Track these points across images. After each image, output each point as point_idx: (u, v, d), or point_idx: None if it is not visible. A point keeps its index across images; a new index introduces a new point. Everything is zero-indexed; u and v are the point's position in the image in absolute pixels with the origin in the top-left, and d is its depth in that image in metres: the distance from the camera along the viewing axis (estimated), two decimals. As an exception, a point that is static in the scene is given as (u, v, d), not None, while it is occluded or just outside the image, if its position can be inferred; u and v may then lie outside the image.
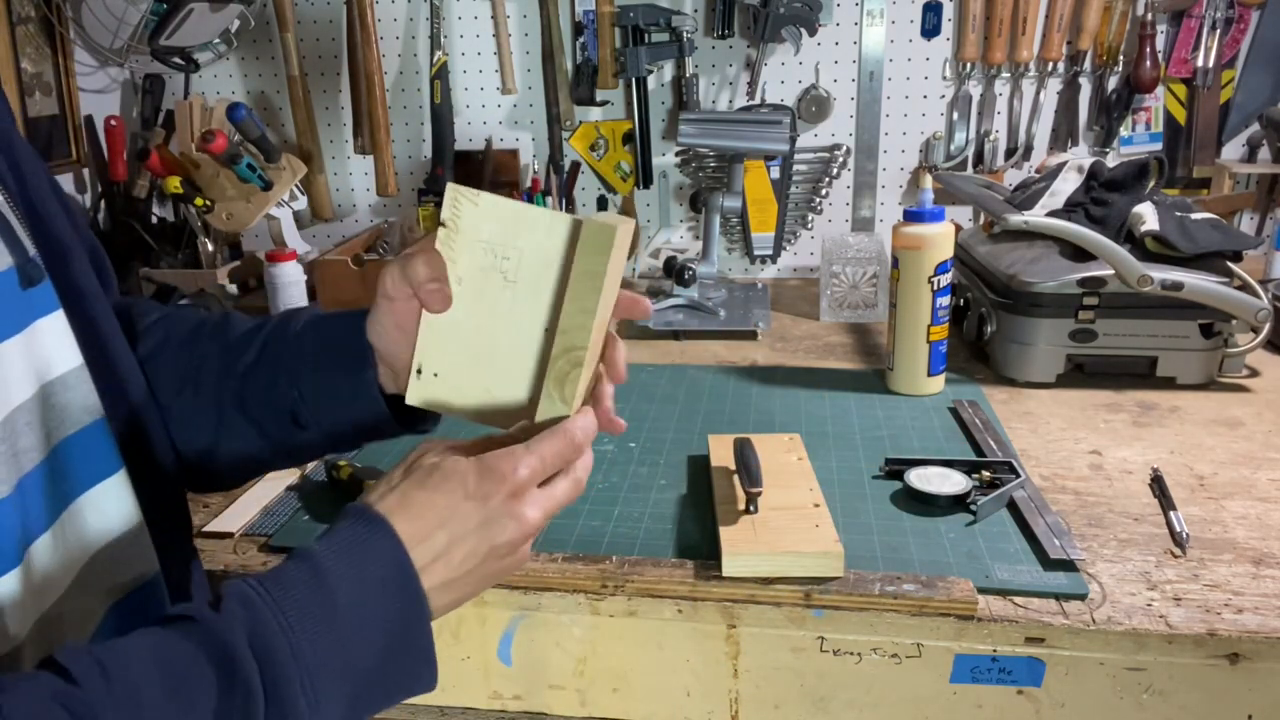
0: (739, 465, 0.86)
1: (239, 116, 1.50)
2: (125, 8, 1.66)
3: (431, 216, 1.74)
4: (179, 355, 0.66)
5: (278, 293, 1.48)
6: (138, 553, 0.59)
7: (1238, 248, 1.13)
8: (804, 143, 1.68)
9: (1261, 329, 1.10)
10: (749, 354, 1.33)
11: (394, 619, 0.49)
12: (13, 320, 0.53)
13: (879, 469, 0.94)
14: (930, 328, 1.11)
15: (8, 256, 0.53)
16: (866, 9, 1.60)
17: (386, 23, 1.72)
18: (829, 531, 0.78)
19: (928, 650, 0.74)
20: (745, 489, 0.81)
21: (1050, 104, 1.64)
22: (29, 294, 0.54)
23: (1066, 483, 0.92)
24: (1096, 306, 1.12)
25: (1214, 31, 1.57)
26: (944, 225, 1.09)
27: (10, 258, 0.53)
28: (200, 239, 1.64)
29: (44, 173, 0.60)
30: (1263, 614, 0.71)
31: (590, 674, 0.81)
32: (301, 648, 0.45)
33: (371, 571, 0.48)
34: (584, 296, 0.54)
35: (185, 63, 1.70)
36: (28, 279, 0.54)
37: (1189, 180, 1.65)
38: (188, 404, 0.65)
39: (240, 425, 0.64)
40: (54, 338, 0.55)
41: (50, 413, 0.54)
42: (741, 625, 0.77)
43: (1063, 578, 0.75)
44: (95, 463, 0.57)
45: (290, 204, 1.66)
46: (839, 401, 1.13)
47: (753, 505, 0.81)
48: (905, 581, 0.75)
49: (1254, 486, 0.90)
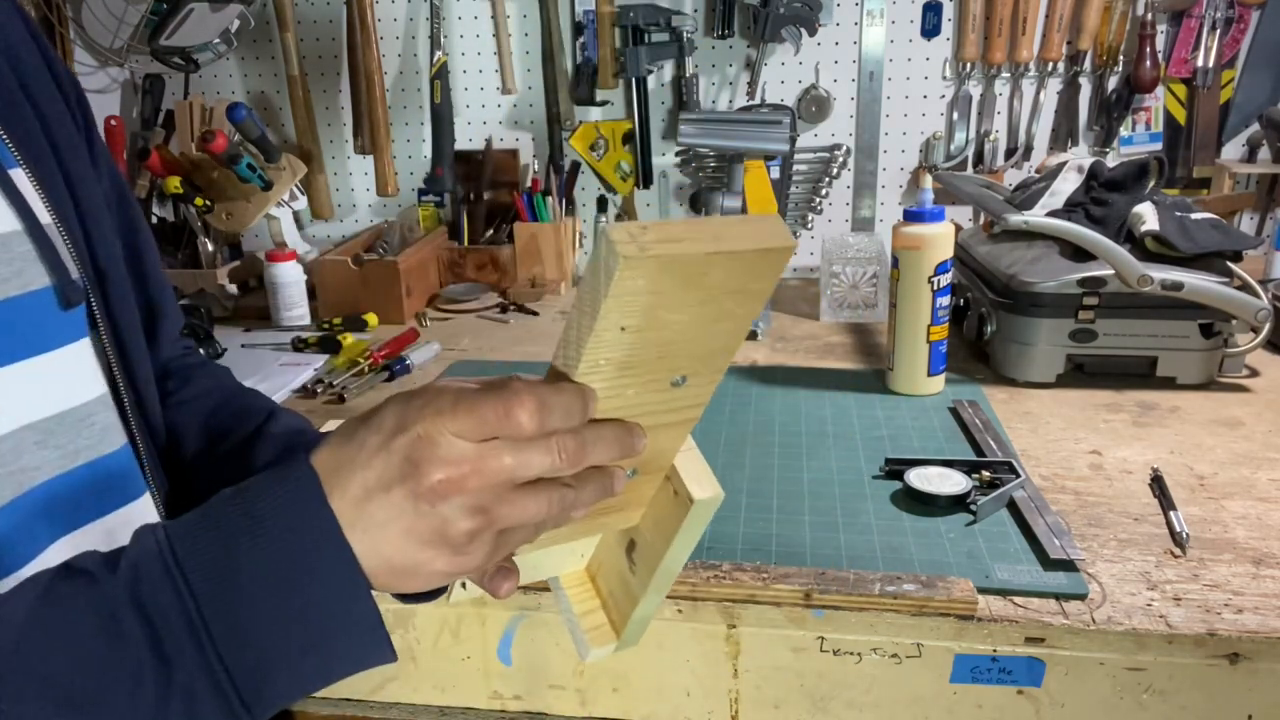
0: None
1: (239, 116, 1.50)
2: (125, 8, 1.66)
3: (432, 217, 1.74)
4: (214, 415, 0.67)
5: (278, 292, 1.49)
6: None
7: (1238, 248, 1.13)
8: (804, 143, 1.68)
9: (1261, 329, 1.10)
10: (749, 354, 1.33)
11: (313, 580, 0.42)
12: (39, 340, 0.52)
13: (879, 469, 0.94)
14: (930, 328, 1.11)
15: (46, 276, 0.53)
16: (866, 9, 1.60)
17: (386, 23, 1.72)
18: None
19: (928, 650, 0.74)
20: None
21: (1050, 104, 1.64)
22: (66, 315, 0.54)
23: (1066, 483, 0.92)
24: (1096, 306, 1.12)
25: (1214, 31, 1.57)
26: (944, 225, 1.09)
27: (49, 277, 0.53)
28: (200, 239, 1.64)
29: (99, 196, 0.60)
30: (1263, 614, 0.71)
31: (590, 674, 0.81)
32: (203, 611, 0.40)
33: (286, 524, 0.42)
34: (685, 549, 0.51)
35: (185, 63, 1.70)
36: (66, 300, 0.54)
37: (1189, 180, 1.65)
38: (201, 461, 0.66)
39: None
40: (81, 363, 0.55)
41: (68, 436, 0.54)
42: (741, 625, 0.77)
43: (1063, 578, 0.75)
44: (119, 486, 0.57)
45: (290, 204, 1.66)
46: (839, 401, 1.13)
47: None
48: (905, 581, 0.75)
49: (1254, 486, 0.90)
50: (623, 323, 0.39)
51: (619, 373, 0.42)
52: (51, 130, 0.57)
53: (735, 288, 0.41)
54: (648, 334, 0.41)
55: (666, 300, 0.39)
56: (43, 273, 0.53)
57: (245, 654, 0.41)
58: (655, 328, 0.40)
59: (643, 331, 0.40)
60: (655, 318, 0.40)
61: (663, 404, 0.45)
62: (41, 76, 0.58)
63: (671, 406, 0.45)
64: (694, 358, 0.43)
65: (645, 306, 0.39)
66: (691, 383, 0.45)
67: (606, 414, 0.44)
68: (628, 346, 0.41)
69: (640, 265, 0.37)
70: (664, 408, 0.45)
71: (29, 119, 0.55)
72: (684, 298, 0.40)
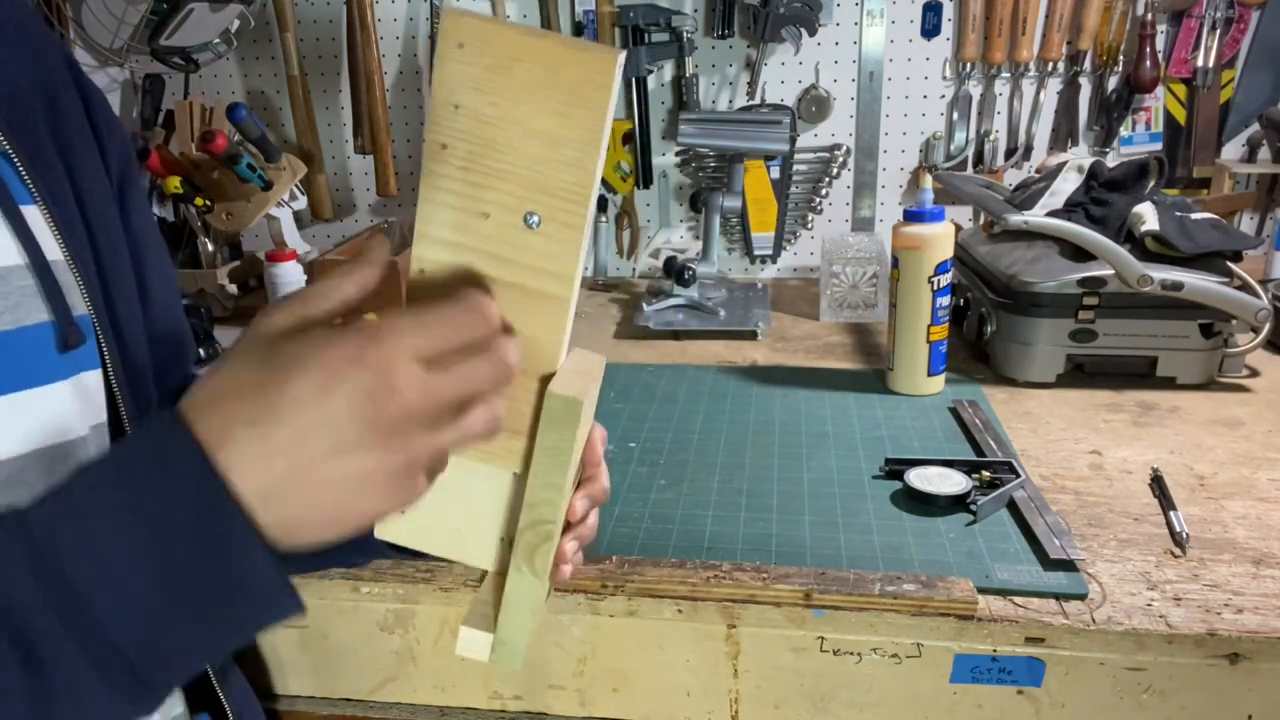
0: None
1: (239, 116, 1.50)
2: (125, 8, 1.66)
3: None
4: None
5: (278, 292, 1.49)
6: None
7: (1238, 248, 1.13)
8: (804, 143, 1.68)
9: (1261, 329, 1.10)
10: (749, 354, 1.33)
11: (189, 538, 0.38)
12: (26, 375, 0.52)
13: (879, 469, 0.94)
14: (930, 328, 1.11)
15: (45, 312, 0.53)
16: (866, 9, 1.60)
17: (386, 23, 1.72)
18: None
19: (928, 650, 0.74)
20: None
21: (1050, 104, 1.64)
22: (64, 356, 0.54)
23: (1066, 483, 0.92)
24: (1096, 306, 1.12)
25: (1214, 31, 1.57)
26: (944, 225, 1.09)
27: (48, 314, 0.53)
28: (200, 239, 1.63)
29: (121, 238, 0.60)
30: (1263, 614, 0.71)
31: (590, 674, 0.81)
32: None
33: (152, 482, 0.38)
34: (550, 472, 0.49)
35: (185, 63, 1.70)
36: (64, 340, 0.54)
37: (1189, 180, 1.65)
38: None
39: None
40: (75, 400, 0.55)
41: (46, 472, 0.53)
42: (741, 625, 0.77)
43: (1063, 578, 0.75)
44: None
45: (290, 204, 1.66)
46: (839, 401, 1.13)
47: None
48: (905, 581, 0.75)
49: (1254, 486, 0.90)
50: (454, 99, 0.44)
51: (464, 176, 0.45)
52: (77, 172, 0.57)
53: (553, 94, 0.44)
54: (479, 127, 0.45)
55: (488, 85, 0.44)
56: (41, 308, 0.53)
57: (133, 633, 0.38)
58: (484, 121, 0.45)
59: (474, 119, 0.44)
60: (481, 108, 0.44)
61: (520, 248, 0.46)
62: (77, 119, 0.59)
63: (530, 260, 0.46)
64: (537, 188, 0.45)
65: (471, 83, 0.44)
66: (546, 229, 0.46)
67: (467, 245, 0.46)
68: (464, 138, 0.45)
69: (460, 21, 0.43)
70: (523, 257, 0.46)
71: (51, 157, 0.56)
72: (504, 86, 0.44)
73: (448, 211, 0.46)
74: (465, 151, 0.45)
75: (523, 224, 0.46)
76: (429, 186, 0.46)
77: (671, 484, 0.94)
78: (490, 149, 0.45)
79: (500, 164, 0.45)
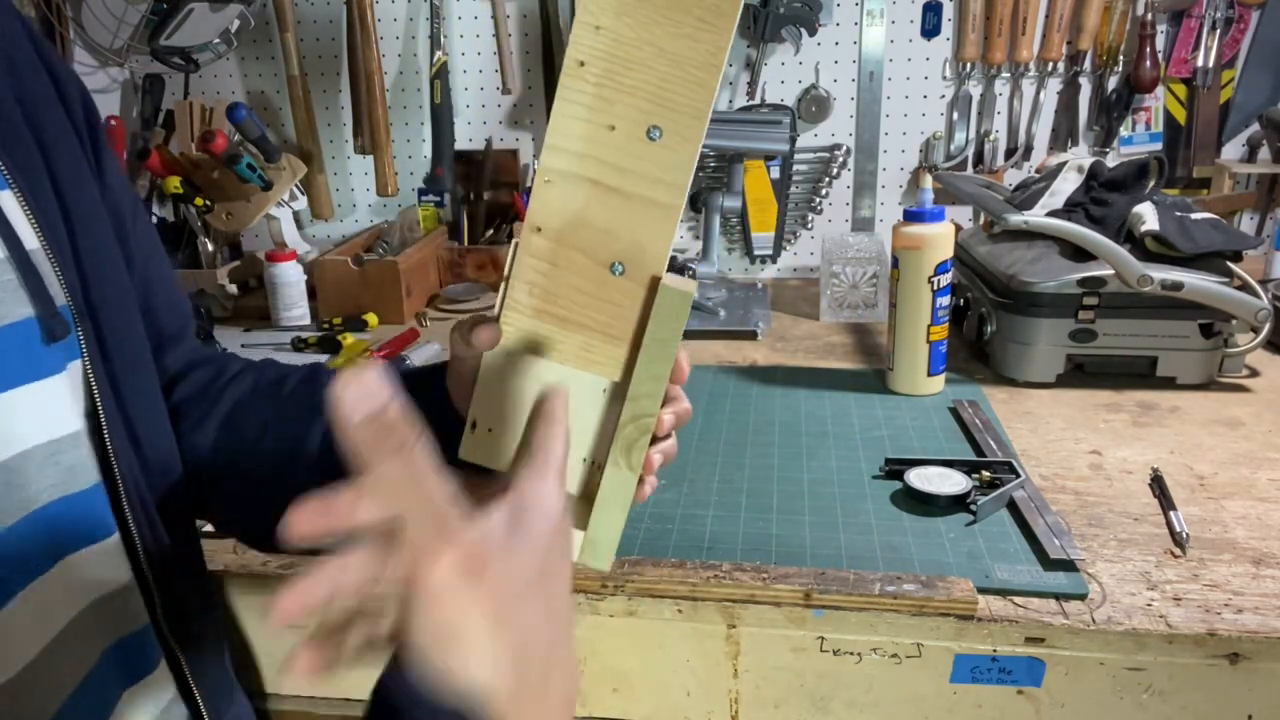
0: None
1: (239, 116, 1.50)
2: (125, 8, 1.66)
3: (432, 217, 1.74)
4: (264, 400, 0.67)
5: (277, 292, 1.49)
6: (122, 608, 0.58)
7: (1238, 248, 1.13)
8: (804, 143, 1.68)
9: (1261, 329, 1.10)
10: (749, 354, 1.33)
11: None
12: (12, 374, 0.51)
13: (879, 469, 0.94)
14: (930, 328, 1.11)
15: (29, 307, 0.52)
16: (866, 9, 1.60)
17: (386, 23, 1.72)
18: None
19: (928, 650, 0.74)
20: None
21: (1050, 104, 1.64)
22: (49, 348, 0.53)
23: (1066, 483, 0.92)
24: (1096, 306, 1.12)
25: (1214, 31, 1.57)
26: (944, 225, 1.09)
27: (31, 308, 0.52)
28: (200, 239, 1.64)
29: (102, 219, 0.59)
30: (1263, 614, 0.71)
31: (590, 674, 0.81)
32: None
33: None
34: (656, 362, 0.51)
35: (185, 63, 1.70)
36: (50, 334, 0.52)
37: (1189, 180, 1.65)
38: (268, 445, 0.65)
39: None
40: (56, 398, 0.54)
41: (32, 476, 0.52)
42: (741, 625, 0.77)
43: (1063, 578, 0.75)
44: (85, 528, 0.55)
45: (290, 204, 1.66)
46: (839, 401, 1.13)
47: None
48: (905, 581, 0.75)
49: (1254, 486, 0.90)
50: (596, 21, 0.48)
51: (597, 91, 0.49)
52: (50, 153, 0.56)
53: (685, 18, 0.48)
54: (616, 47, 0.48)
55: (629, 9, 0.48)
56: (25, 303, 0.52)
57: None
58: (621, 41, 0.48)
59: (613, 39, 0.48)
60: (620, 30, 0.48)
61: (640, 159, 0.50)
62: (46, 98, 0.57)
63: (648, 170, 0.50)
64: (662, 104, 0.49)
65: (614, 7, 0.48)
66: (666, 141, 0.49)
67: (591, 156, 0.50)
68: (601, 56, 0.49)
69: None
70: (641, 168, 0.50)
71: (26, 140, 0.54)
72: (643, 10, 0.48)
73: (578, 124, 0.50)
74: (601, 69, 0.49)
75: (645, 137, 0.49)
76: (564, 100, 0.49)
77: (671, 484, 0.94)
78: (624, 66, 0.49)
79: (631, 80, 0.49)
